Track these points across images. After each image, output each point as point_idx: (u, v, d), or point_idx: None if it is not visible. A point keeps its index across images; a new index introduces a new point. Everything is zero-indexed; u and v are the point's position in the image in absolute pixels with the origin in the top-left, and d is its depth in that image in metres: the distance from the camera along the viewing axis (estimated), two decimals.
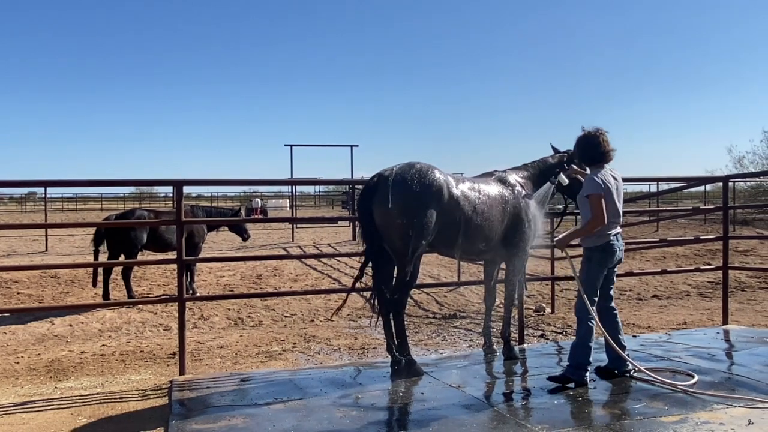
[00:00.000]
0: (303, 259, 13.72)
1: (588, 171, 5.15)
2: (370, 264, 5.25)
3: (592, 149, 4.95)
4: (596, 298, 4.97)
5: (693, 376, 4.93)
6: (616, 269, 5.14)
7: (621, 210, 5.01)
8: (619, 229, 5.00)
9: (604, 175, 4.90)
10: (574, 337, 5.04)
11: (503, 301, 6.01)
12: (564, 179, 5.52)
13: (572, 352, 4.93)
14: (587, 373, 4.87)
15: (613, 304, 5.19)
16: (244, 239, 12.50)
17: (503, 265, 5.94)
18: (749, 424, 3.96)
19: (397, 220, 4.86)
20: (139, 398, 5.26)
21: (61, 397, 5.36)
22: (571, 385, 4.82)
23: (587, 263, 5.00)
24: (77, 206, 54.22)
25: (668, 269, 12.27)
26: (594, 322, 4.91)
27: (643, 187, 32.08)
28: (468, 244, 5.31)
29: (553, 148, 6.14)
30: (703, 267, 11.61)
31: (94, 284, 10.53)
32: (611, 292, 5.16)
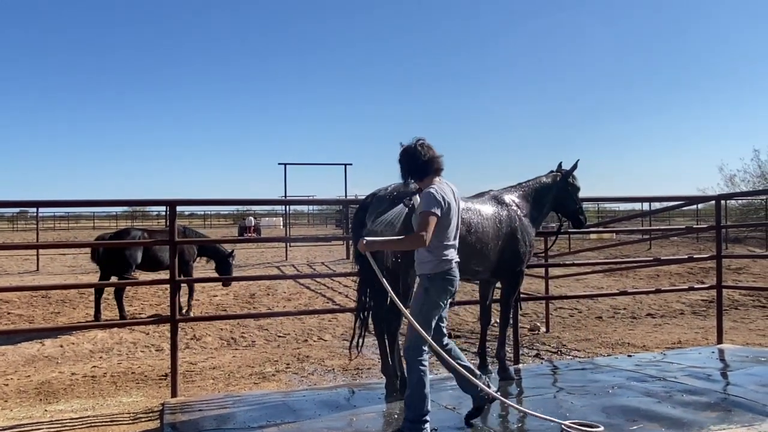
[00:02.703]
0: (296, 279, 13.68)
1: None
2: (365, 284, 5.23)
3: (412, 162, 4.21)
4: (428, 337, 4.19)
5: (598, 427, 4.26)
6: (450, 301, 4.40)
7: (457, 235, 4.30)
8: (457, 256, 4.28)
9: (443, 190, 4.15)
10: (569, 358, 4.97)
11: (498, 321, 5.98)
12: (417, 201, 4.36)
13: (407, 404, 4.16)
14: (426, 425, 4.12)
15: (446, 341, 4.40)
16: (225, 284, 11.93)
17: (498, 285, 5.93)
18: None
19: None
20: (130, 421, 5.19)
21: (51, 420, 5.28)
22: None
23: (424, 294, 4.20)
24: (69, 225, 53.99)
25: (662, 288, 12.29)
26: (425, 366, 4.15)
27: (636, 206, 32.23)
28: (463, 264, 5.29)
29: (559, 169, 6.20)
30: (696, 285, 11.64)
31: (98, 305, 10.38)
32: (443, 326, 4.39)
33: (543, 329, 10.16)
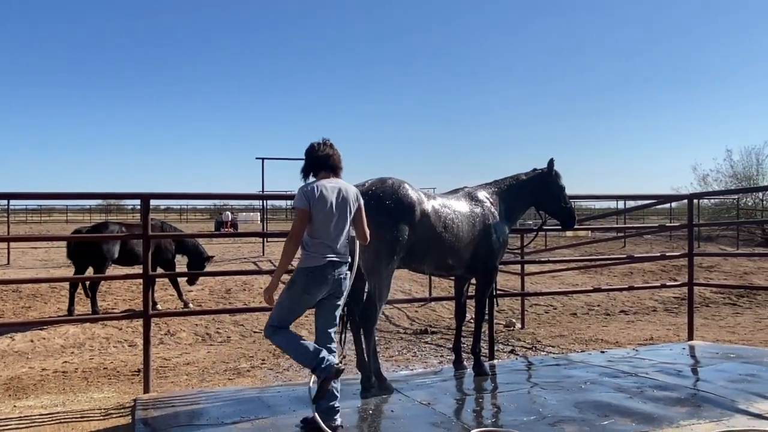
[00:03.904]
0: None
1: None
2: None
3: (307, 157, 4.31)
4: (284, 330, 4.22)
5: None
6: (338, 303, 4.27)
7: (346, 231, 4.21)
8: (341, 256, 4.20)
9: (320, 186, 4.15)
10: (544, 354, 5.01)
11: (474, 317, 6.02)
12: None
13: (304, 364, 4.23)
14: (325, 356, 4.12)
15: (332, 345, 4.27)
16: (189, 282, 11.46)
17: (474, 281, 5.96)
18: None
19: (370, 236, 4.83)
20: (101, 417, 5.11)
21: (20, 417, 5.18)
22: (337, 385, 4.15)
23: (290, 284, 4.22)
24: (42, 218, 53.02)
25: (635, 285, 12.45)
26: (281, 332, 4.19)
27: (611, 204, 32.58)
28: (439, 260, 5.33)
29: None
30: (669, 283, 11.82)
31: (72, 298, 10.18)
32: (330, 330, 4.28)
33: (518, 325, 10.23)
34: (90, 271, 10.33)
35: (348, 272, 4.30)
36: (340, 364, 4.20)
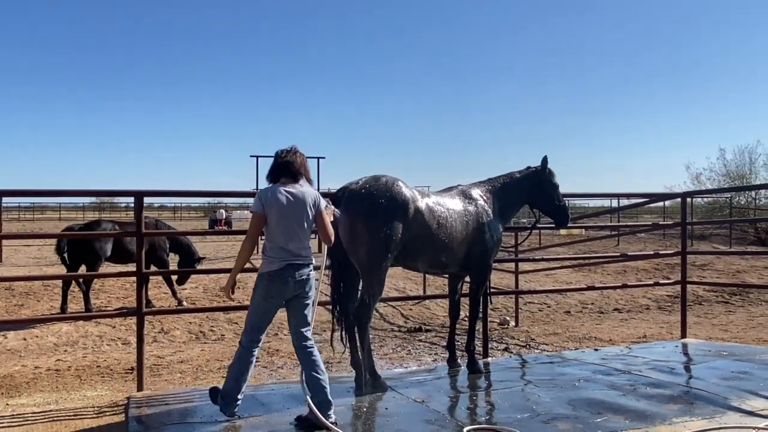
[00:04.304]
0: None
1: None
2: (336, 277, 5.23)
3: (272, 162, 4.47)
4: (260, 335, 4.37)
5: None
6: (306, 302, 4.35)
7: (301, 232, 4.25)
8: (301, 258, 4.27)
9: (276, 191, 4.25)
10: (538, 351, 5.03)
11: (468, 315, 6.02)
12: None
13: (227, 379, 4.39)
14: (232, 403, 4.35)
15: (307, 343, 4.35)
16: (179, 281, 11.31)
17: (468, 279, 5.96)
18: None
19: (364, 234, 4.84)
20: (94, 415, 5.09)
21: (13, 415, 5.16)
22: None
23: (254, 290, 4.36)
24: (34, 216, 52.78)
25: (628, 283, 12.51)
26: (246, 355, 4.34)
27: (605, 202, 32.65)
28: (433, 258, 5.33)
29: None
30: (662, 281, 11.86)
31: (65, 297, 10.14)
32: (303, 330, 4.35)
33: (512, 323, 10.26)
34: (83, 269, 10.29)
35: (312, 273, 4.36)
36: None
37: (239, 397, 4.40)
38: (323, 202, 4.42)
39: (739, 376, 5.60)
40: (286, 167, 4.34)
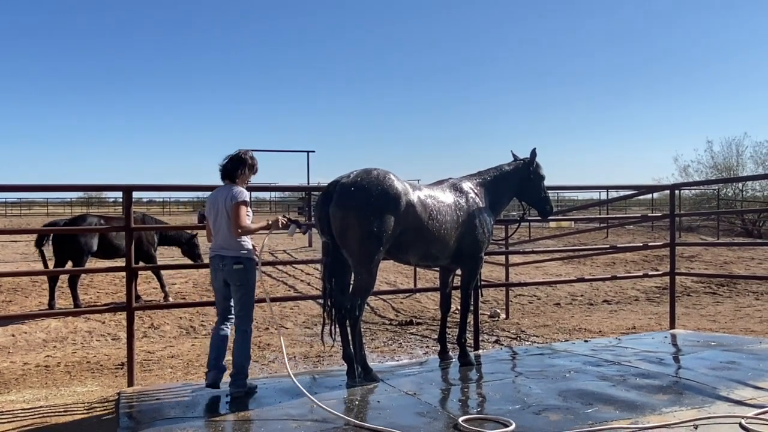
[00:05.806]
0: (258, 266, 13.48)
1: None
2: (327, 271, 5.21)
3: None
4: (219, 312, 5.04)
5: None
6: (237, 291, 4.87)
7: (222, 228, 4.83)
8: (224, 250, 4.84)
9: (211, 194, 5.05)
10: (528, 343, 5.07)
11: (459, 308, 6.03)
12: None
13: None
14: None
15: (227, 323, 5.03)
16: (196, 261, 11.44)
17: (459, 272, 5.97)
18: (695, 428, 4.06)
19: (355, 227, 4.83)
20: (84, 411, 5.07)
21: (2, 411, 5.12)
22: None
23: None
24: (21, 211, 52.30)
25: (618, 275, 12.57)
26: (215, 331, 5.03)
27: (594, 195, 32.83)
28: (424, 251, 5.33)
29: (513, 156, 6.24)
30: (650, 273, 11.94)
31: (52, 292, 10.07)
32: (230, 309, 5.01)
33: (503, 315, 10.30)
34: (69, 265, 10.20)
35: (237, 264, 4.82)
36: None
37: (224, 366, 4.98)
38: (231, 200, 4.81)
39: (727, 366, 5.65)
40: (222, 171, 4.99)
